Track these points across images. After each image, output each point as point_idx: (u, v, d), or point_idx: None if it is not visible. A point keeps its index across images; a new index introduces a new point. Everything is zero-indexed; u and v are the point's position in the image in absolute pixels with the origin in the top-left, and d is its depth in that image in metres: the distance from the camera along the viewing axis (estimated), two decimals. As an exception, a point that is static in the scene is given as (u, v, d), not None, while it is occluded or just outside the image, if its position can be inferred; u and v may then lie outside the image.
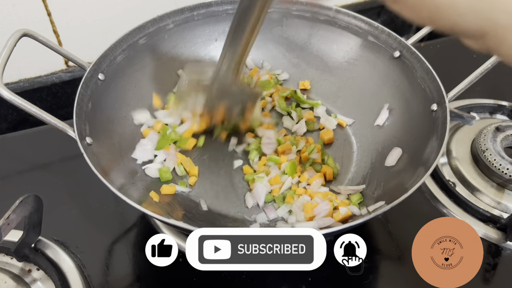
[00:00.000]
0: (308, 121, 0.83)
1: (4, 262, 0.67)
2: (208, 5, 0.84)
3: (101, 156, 0.65)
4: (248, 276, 0.68)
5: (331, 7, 0.83)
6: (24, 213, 0.62)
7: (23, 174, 0.82)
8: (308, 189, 0.72)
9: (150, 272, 0.69)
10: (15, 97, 0.61)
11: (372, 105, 0.81)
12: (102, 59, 0.73)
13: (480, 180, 0.78)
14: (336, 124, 0.83)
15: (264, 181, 0.71)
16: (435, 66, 0.72)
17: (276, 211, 0.70)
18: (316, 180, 0.72)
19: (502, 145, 0.78)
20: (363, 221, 0.55)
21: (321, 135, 0.81)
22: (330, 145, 0.81)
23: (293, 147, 0.77)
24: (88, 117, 0.68)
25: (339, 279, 0.68)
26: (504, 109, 0.92)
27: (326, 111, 0.85)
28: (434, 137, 0.66)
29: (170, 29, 0.82)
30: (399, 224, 0.73)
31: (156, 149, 0.75)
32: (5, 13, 0.85)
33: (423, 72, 0.73)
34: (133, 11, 0.94)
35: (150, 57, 0.81)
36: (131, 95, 0.78)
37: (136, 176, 0.72)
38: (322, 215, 0.65)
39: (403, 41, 0.76)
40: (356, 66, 0.84)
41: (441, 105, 0.68)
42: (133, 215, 0.76)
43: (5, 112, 0.96)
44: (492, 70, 0.71)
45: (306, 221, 0.66)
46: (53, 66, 0.96)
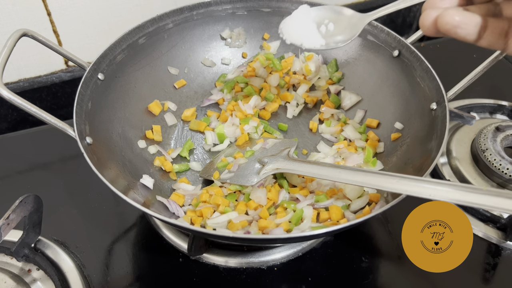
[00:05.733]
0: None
1: (4, 262, 0.67)
2: (208, 5, 0.84)
3: (101, 156, 0.65)
4: (248, 275, 0.68)
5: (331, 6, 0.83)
6: (24, 213, 0.62)
7: (23, 174, 0.82)
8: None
9: (150, 272, 0.69)
10: (15, 97, 0.61)
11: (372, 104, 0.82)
12: (102, 59, 0.73)
13: (480, 180, 0.78)
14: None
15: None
16: (434, 65, 0.72)
17: None
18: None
19: (502, 145, 0.78)
20: (362, 220, 0.55)
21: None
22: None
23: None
24: (88, 117, 0.68)
25: (339, 279, 0.68)
26: (504, 109, 0.92)
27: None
28: (434, 136, 0.66)
29: (169, 29, 0.82)
30: (399, 224, 0.73)
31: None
32: (4, 13, 0.85)
33: (422, 71, 0.73)
34: (132, 11, 0.94)
35: (150, 56, 0.81)
36: (131, 95, 0.78)
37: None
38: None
39: (403, 40, 0.76)
40: (356, 65, 0.85)
41: (440, 104, 0.68)
42: (133, 215, 0.76)
43: (5, 112, 0.96)
44: (492, 70, 0.71)
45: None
46: (53, 66, 0.96)
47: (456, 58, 1.03)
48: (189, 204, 0.71)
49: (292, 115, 0.86)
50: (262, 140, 0.79)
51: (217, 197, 0.69)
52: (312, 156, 0.78)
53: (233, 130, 0.81)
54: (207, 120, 0.84)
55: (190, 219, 0.67)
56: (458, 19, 0.45)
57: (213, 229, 0.64)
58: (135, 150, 0.76)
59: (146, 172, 0.73)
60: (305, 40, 0.65)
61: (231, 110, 0.84)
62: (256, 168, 0.71)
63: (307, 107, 0.87)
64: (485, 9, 0.48)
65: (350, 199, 0.69)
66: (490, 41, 0.47)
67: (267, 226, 0.64)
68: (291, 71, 0.89)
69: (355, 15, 0.63)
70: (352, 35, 0.62)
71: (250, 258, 0.70)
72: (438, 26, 0.46)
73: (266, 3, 0.86)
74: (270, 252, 0.70)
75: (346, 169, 0.62)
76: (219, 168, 0.75)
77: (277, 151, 0.73)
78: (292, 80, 0.88)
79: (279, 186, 0.72)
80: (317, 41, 0.64)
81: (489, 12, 0.48)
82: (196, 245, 0.66)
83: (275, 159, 0.70)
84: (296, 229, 0.64)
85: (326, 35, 0.64)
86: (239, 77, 0.88)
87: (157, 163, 0.76)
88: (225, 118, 0.83)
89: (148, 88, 0.81)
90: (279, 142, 0.77)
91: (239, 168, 0.72)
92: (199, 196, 0.71)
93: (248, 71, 0.88)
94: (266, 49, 0.90)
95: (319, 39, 0.64)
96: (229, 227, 0.65)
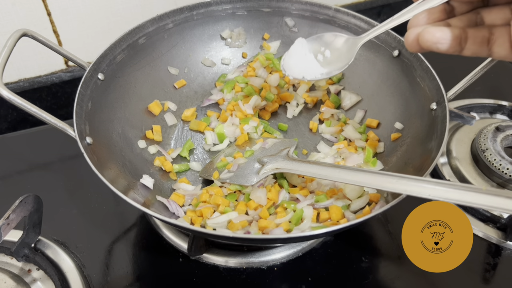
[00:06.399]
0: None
1: (4, 262, 0.67)
2: (208, 5, 0.84)
3: (101, 156, 0.65)
4: (248, 275, 0.68)
5: (331, 6, 0.83)
6: (24, 213, 0.62)
7: (23, 174, 0.82)
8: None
9: (150, 272, 0.69)
10: (15, 97, 0.61)
11: (372, 104, 0.82)
12: (102, 58, 0.73)
13: (480, 180, 0.78)
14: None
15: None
16: (434, 65, 0.72)
17: None
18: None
19: (502, 145, 0.78)
20: (362, 220, 0.55)
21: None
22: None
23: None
24: (88, 117, 0.68)
25: (339, 279, 0.68)
26: (504, 109, 0.92)
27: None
28: (434, 136, 0.66)
29: (169, 29, 0.82)
30: (399, 224, 0.73)
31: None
32: (4, 13, 0.85)
33: (422, 71, 0.73)
34: (132, 11, 0.94)
35: (150, 56, 0.81)
36: (131, 95, 0.78)
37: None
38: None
39: (403, 40, 0.76)
40: (356, 65, 0.84)
41: (440, 104, 0.68)
42: (133, 215, 0.76)
43: (5, 112, 0.96)
44: (492, 70, 0.71)
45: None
46: (53, 66, 0.96)
47: (456, 58, 1.02)
48: (189, 204, 0.71)
49: (292, 115, 0.86)
50: (261, 140, 0.79)
51: (217, 197, 0.69)
52: (312, 156, 0.78)
53: (233, 130, 0.81)
54: (207, 120, 0.84)
55: (190, 219, 0.67)
56: (438, 35, 0.48)
57: (213, 229, 0.64)
58: (135, 150, 0.76)
59: (146, 172, 0.73)
60: (306, 73, 0.69)
61: (231, 110, 0.84)
62: (255, 168, 0.71)
63: (307, 107, 0.87)
64: (466, 20, 0.51)
65: (350, 199, 0.69)
66: (473, 50, 0.49)
67: (267, 226, 0.64)
68: None
69: (348, 40, 0.66)
70: (348, 59, 0.66)
71: (250, 258, 0.70)
72: (420, 43, 0.49)
73: (266, 3, 0.86)
74: (270, 252, 0.70)
75: (346, 169, 0.62)
76: (218, 168, 0.75)
77: (276, 151, 0.73)
78: (292, 80, 0.88)
79: (279, 186, 0.72)
80: (317, 71, 0.68)
81: (470, 22, 0.51)
82: (196, 245, 0.66)
83: (275, 159, 0.70)
84: (296, 229, 0.64)
85: (324, 62, 0.67)
86: (239, 77, 0.88)
87: (157, 163, 0.76)
88: (225, 118, 0.83)
89: (148, 88, 0.81)
90: (279, 142, 0.77)
91: (238, 168, 0.72)
92: (199, 196, 0.71)
93: (248, 71, 0.88)
94: (266, 49, 0.90)
95: (318, 68, 0.68)
96: (229, 227, 0.65)
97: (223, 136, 0.81)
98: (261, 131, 0.82)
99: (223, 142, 0.81)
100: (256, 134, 0.82)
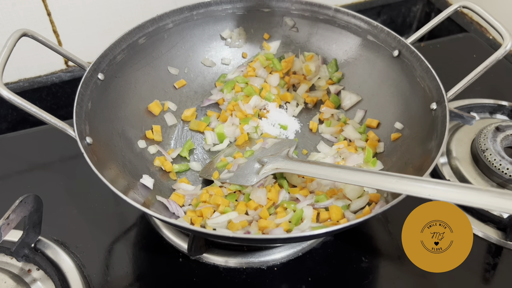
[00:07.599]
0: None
1: (4, 262, 0.67)
2: (207, 5, 0.84)
3: (101, 156, 0.65)
4: (248, 275, 0.68)
5: (331, 6, 0.83)
6: (24, 213, 0.62)
7: (23, 174, 0.82)
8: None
9: (150, 272, 0.69)
10: (15, 97, 0.61)
11: (372, 104, 0.82)
12: (102, 58, 0.73)
13: (480, 180, 0.78)
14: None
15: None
16: (434, 65, 0.72)
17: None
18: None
19: (502, 145, 0.78)
20: (362, 220, 0.55)
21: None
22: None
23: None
24: (88, 117, 0.68)
25: (339, 279, 0.68)
26: (504, 109, 0.92)
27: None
28: (434, 136, 0.66)
29: (169, 29, 0.82)
30: (399, 224, 0.73)
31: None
32: (4, 13, 0.85)
33: (422, 71, 0.73)
34: (132, 11, 0.94)
35: (150, 56, 0.81)
36: (131, 95, 0.78)
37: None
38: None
39: (403, 40, 0.76)
40: (356, 65, 0.85)
41: (440, 104, 0.68)
42: (133, 215, 0.76)
43: (5, 112, 0.96)
44: (492, 70, 0.71)
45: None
46: (53, 66, 0.96)
47: (456, 58, 1.03)
48: (189, 204, 0.71)
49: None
50: (261, 140, 0.79)
51: (217, 197, 0.69)
52: (312, 156, 0.78)
53: (233, 130, 0.82)
54: (207, 120, 0.84)
55: (190, 219, 0.67)
56: None
57: (213, 229, 0.64)
58: (135, 150, 0.76)
59: (146, 172, 0.73)
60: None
61: (231, 110, 0.84)
62: (255, 168, 0.71)
63: (307, 107, 0.87)
64: None
65: (350, 199, 0.69)
66: None
67: (267, 226, 0.64)
68: (291, 71, 0.89)
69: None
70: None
71: (250, 258, 0.70)
72: None
73: (266, 3, 0.86)
74: (270, 252, 0.70)
75: (346, 169, 0.62)
76: (218, 168, 0.75)
77: (276, 151, 0.73)
78: (292, 80, 0.88)
79: (279, 186, 0.72)
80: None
81: None
82: (196, 245, 0.66)
83: (275, 159, 0.70)
84: (296, 229, 0.64)
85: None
86: (239, 77, 0.88)
87: (157, 163, 0.76)
88: (225, 118, 0.83)
89: (148, 88, 0.81)
90: (279, 142, 0.77)
91: (238, 168, 0.72)
92: (199, 196, 0.71)
93: (248, 71, 0.89)
94: (266, 49, 0.90)
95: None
96: (229, 227, 0.65)
97: (223, 136, 0.81)
98: (261, 131, 0.82)
99: (223, 142, 0.81)
100: (256, 134, 0.82)
